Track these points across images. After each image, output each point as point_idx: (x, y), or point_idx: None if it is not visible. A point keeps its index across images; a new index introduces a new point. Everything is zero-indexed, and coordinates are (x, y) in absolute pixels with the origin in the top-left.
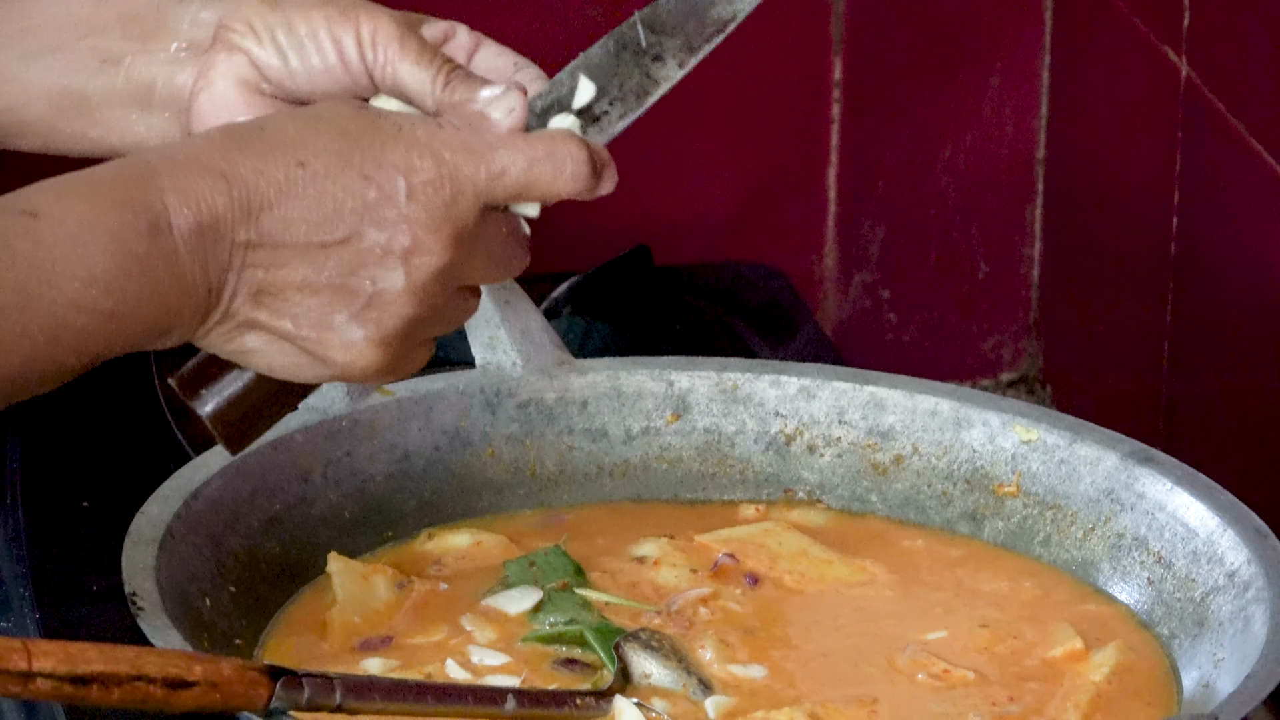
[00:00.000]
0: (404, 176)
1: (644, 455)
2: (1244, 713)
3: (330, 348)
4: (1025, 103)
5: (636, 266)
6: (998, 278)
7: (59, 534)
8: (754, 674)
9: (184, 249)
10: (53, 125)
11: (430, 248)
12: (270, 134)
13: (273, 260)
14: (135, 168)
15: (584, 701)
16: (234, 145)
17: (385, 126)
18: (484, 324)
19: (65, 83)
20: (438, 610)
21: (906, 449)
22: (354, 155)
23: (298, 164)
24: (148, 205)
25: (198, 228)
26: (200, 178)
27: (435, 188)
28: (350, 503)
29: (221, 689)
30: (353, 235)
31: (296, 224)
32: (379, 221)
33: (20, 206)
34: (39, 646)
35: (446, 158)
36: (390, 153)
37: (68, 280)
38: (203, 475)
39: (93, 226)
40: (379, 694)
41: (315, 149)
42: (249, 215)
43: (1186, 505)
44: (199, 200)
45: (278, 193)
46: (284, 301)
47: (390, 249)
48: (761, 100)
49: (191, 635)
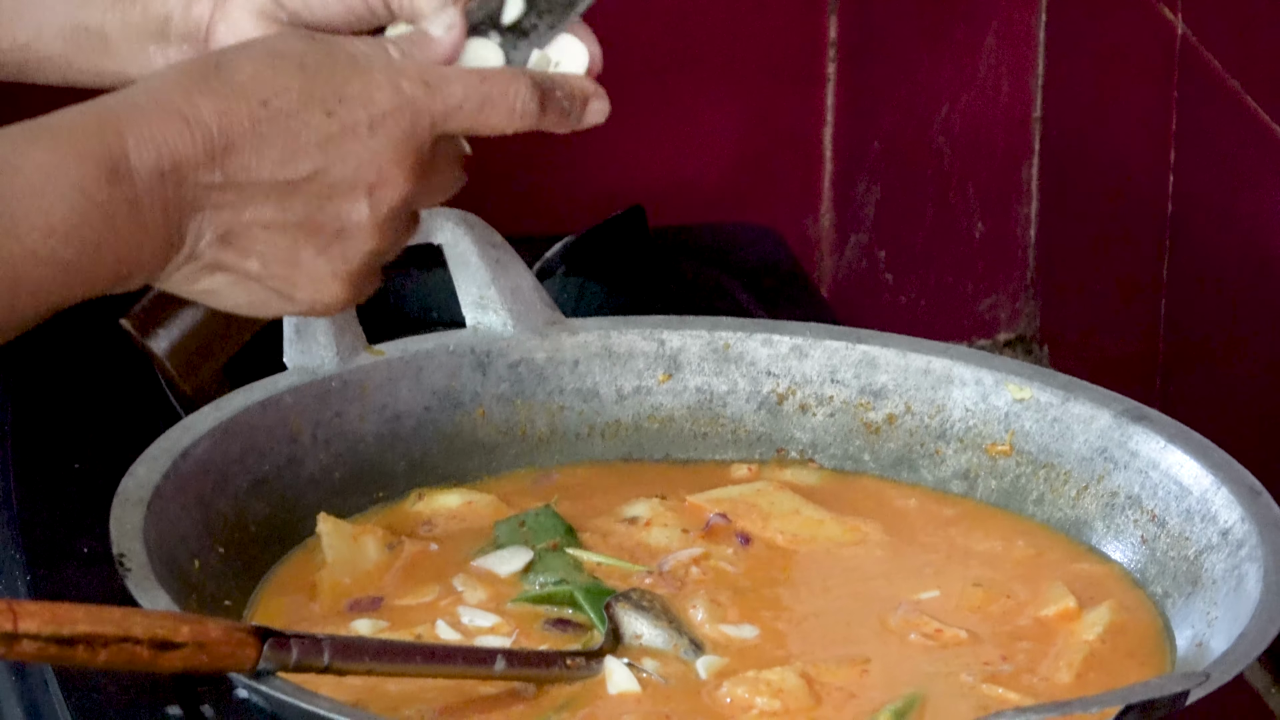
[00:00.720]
0: (364, 108)
1: (635, 415)
2: (1237, 671)
3: (297, 285)
4: (1021, 62)
5: (631, 227)
6: (994, 238)
7: (49, 496)
8: (745, 634)
9: (145, 195)
10: (70, 60)
11: (393, 179)
12: (229, 72)
13: (238, 200)
14: (96, 114)
15: (574, 662)
16: (194, 86)
17: (341, 58)
18: (474, 283)
19: (81, 18)
20: (428, 571)
21: (899, 408)
22: (314, 90)
23: (260, 103)
24: (108, 152)
25: (159, 173)
26: (162, 122)
27: (395, 119)
28: (340, 463)
29: (209, 650)
30: (318, 171)
31: (262, 163)
32: (343, 156)
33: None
34: (24, 608)
35: (405, 88)
36: (350, 85)
37: (27, 231)
38: (191, 436)
39: (52, 176)
40: (368, 655)
41: (276, 87)
42: (213, 158)
43: (1180, 463)
44: (160, 145)
45: (242, 134)
46: (250, 241)
47: (356, 183)
48: (757, 60)
49: (180, 596)
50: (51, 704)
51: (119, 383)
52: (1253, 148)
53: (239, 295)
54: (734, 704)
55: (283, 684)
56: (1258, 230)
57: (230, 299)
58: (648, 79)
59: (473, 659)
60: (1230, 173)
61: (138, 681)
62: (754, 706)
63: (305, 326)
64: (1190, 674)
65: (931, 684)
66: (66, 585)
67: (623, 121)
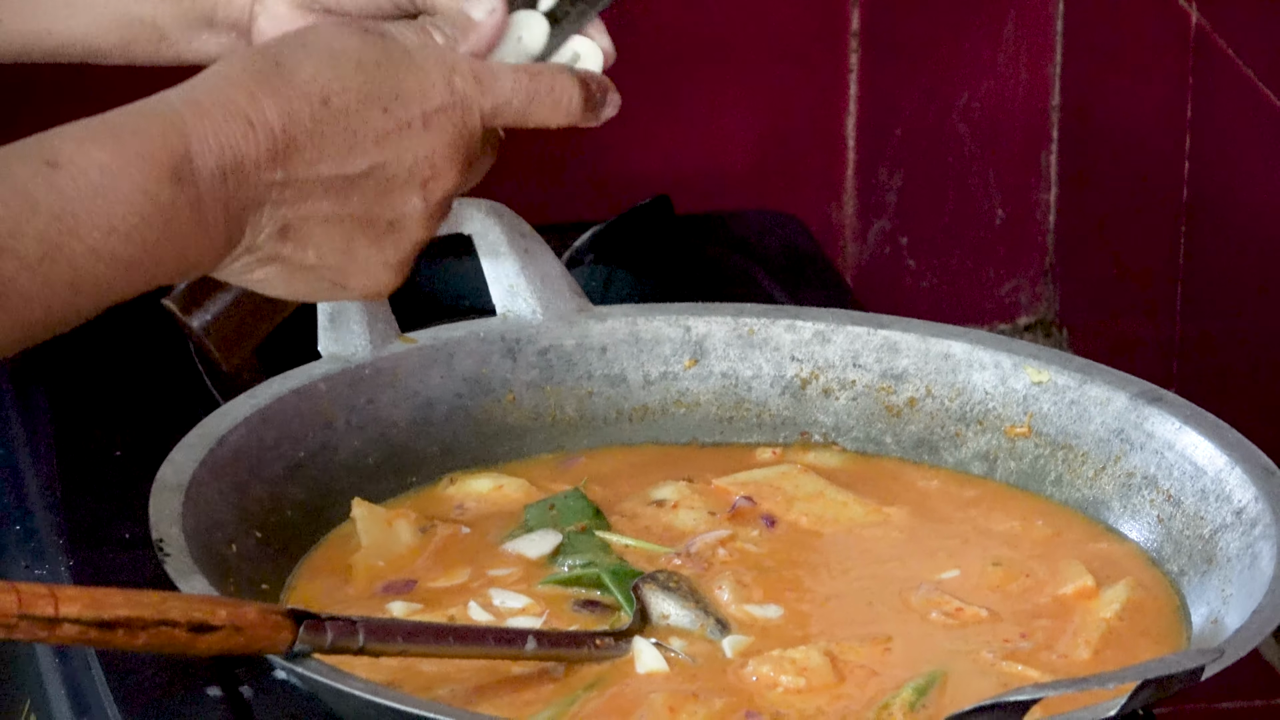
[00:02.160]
0: (419, 105)
1: (662, 400)
2: (1251, 646)
3: (350, 275)
4: (1040, 50)
5: (657, 215)
6: (1014, 223)
7: (91, 483)
8: (770, 614)
9: (207, 195)
10: (128, 49)
11: (445, 173)
12: (290, 71)
13: (298, 195)
14: (159, 114)
15: (603, 642)
16: (257, 86)
17: (396, 54)
18: (504, 272)
19: (135, 10)
20: (460, 554)
21: (920, 391)
22: (372, 88)
23: (321, 102)
24: (171, 154)
25: (222, 174)
26: (226, 124)
27: (448, 115)
28: (373, 449)
29: (246, 632)
30: (375, 167)
31: (322, 160)
32: (399, 152)
33: (43, 155)
34: (65, 592)
35: (457, 84)
36: (405, 82)
37: (89, 230)
38: (228, 423)
39: (115, 176)
40: (401, 636)
41: (336, 86)
42: (275, 157)
43: (1195, 444)
44: (224, 147)
45: (303, 132)
46: (308, 234)
47: (410, 178)
48: (781, 51)
49: (217, 580)
50: (94, 685)
51: (158, 372)
52: (1267, 134)
53: (294, 284)
54: (759, 682)
55: (319, 665)
56: (1272, 214)
57: (285, 288)
58: (674, 69)
59: (504, 640)
60: (1244, 159)
61: (178, 663)
62: (779, 684)
63: (339, 315)
64: (1206, 650)
65: (952, 661)
66: (107, 570)
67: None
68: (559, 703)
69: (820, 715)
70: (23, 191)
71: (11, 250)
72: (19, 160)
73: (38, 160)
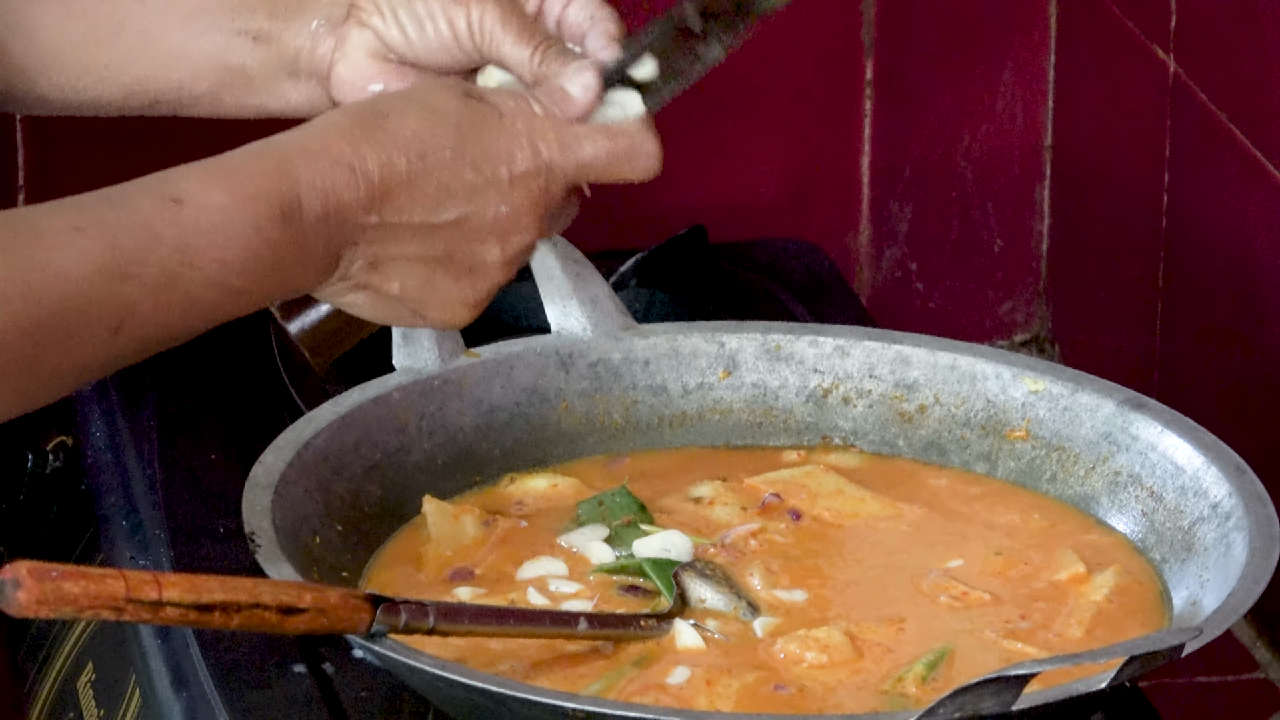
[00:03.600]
0: (507, 166)
1: (699, 407)
2: (1226, 626)
3: (429, 307)
4: (1033, 96)
5: (693, 244)
6: (1011, 251)
7: (190, 482)
8: (796, 597)
9: (311, 234)
10: (219, 98)
11: (525, 227)
12: (393, 125)
13: (389, 237)
14: (273, 159)
15: (647, 623)
16: (362, 136)
17: (490, 117)
18: (558, 294)
19: (228, 59)
20: (519, 544)
21: (929, 399)
22: (465, 148)
23: (418, 156)
24: (282, 197)
25: (325, 216)
26: (331, 171)
27: (533, 176)
28: (442, 451)
29: (329, 614)
30: (460, 218)
31: (413, 208)
32: (483, 206)
33: (168, 192)
34: (167, 579)
35: (542, 150)
36: (495, 145)
37: (206, 262)
38: (313, 429)
39: (232, 215)
40: (467, 618)
41: (433, 144)
42: (372, 202)
43: (1175, 446)
44: (328, 192)
45: (399, 183)
46: (394, 270)
47: (492, 230)
48: (803, 98)
49: (303, 568)
50: (192, 662)
51: (249, 384)
52: (1236, 170)
53: (378, 309)
54: (787, 658)
55: (393, 644)
56: (1241, 242)
57: (370, 311)
58: (709, 115)
59: (559, 621)
60: (1217, 192)
61: (267, 642)
62: (804, 660)
63: (412, 333)
64: (1186, 629)
65: (959, 639)
66: (204, 559)
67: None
68: (609, 676)
69: (841, 687)
70: (147, 225)
71: (136, 278)
72: (144, 196)
73: (163, 197)
